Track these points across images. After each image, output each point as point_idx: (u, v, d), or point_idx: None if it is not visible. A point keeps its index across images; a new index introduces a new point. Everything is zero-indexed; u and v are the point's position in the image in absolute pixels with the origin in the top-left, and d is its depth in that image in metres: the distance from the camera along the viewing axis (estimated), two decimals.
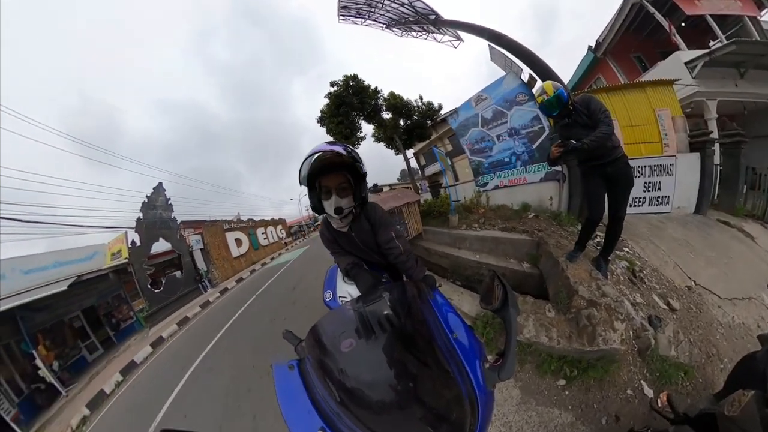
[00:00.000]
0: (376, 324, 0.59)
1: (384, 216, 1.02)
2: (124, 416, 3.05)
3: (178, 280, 9.03)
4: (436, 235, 4.22)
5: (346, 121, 5.85)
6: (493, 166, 4.80)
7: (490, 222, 3.77)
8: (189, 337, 5.04)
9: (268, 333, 3.31)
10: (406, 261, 1.00)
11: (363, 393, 0.50)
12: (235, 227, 14.56)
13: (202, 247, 10.85)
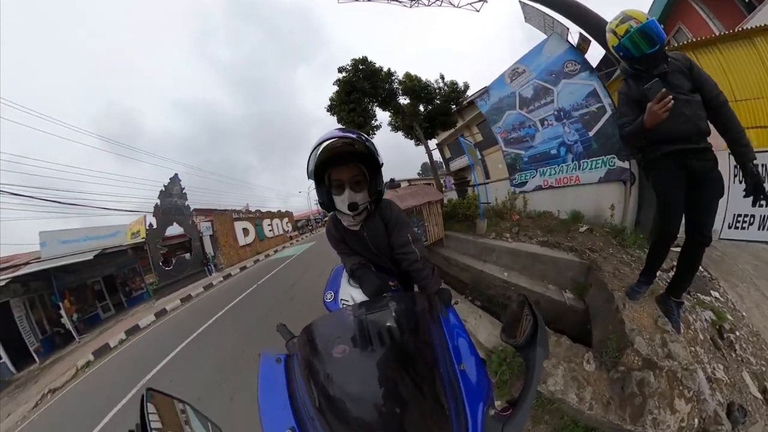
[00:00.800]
0: (375, 335, 0.56)
1: (401, 215, 0.98)
2: (121, 368, 3.91)
3: (186, 261, 10.96)
4: (459, 243, 3.97)
5: (358, 108, 5.66)
6: (534, 161, 4.22)
7: (527, 232, 3.37)
8: (189, 314, 5.90)
9: (263, 323, 3.62)
10: (422, 269, 0.95)
11: (344, 405, 0.49)
12: (243, 217, 16.13)
13: (212, 233, 12.71)
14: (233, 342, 3.34)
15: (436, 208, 3.83)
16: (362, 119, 5.82)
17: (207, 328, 4.27)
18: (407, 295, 0.75)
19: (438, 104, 6.30)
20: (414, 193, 3.64)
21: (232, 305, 5.22)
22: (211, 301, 6.41)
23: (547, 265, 2.64)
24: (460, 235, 3.97)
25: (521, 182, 4.42)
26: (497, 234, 3.55)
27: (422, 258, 0.96)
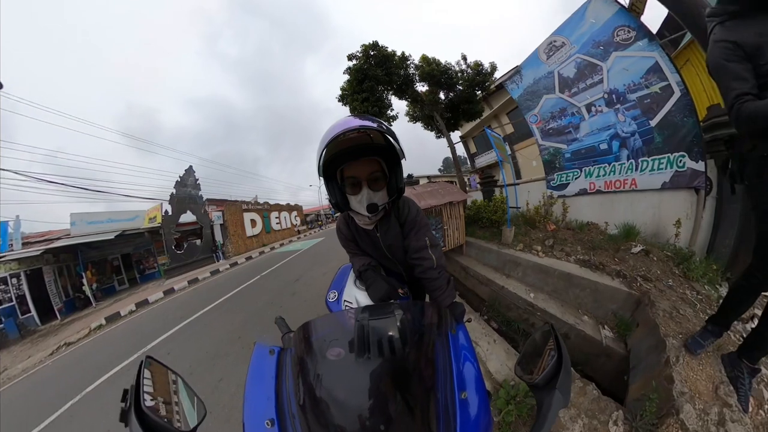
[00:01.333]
0: (374, 343, 0.56)
1: (419, 216, 0.94)
2: (126, 335, 4.77)
3: (196, 247, 12.48)
4: (480, 252, 3.70)
5: (372, 97, 5.53)
6: (578, 157, 3.73)
7: (564, 247, 3.01)
8: (195, 295, 6.67)
9: (262, 314, 3.88)
10: (436, 278, 0.91)
11: (327, 408, 0.50)
12: (252, 209, 17.38)
13: (222, 222, 14.09)
14: (231, 327, 3.64)
15: (458, 209, 3.58)
16: (377, 109, 5.66)
17: (209, 311, 4.76)
18: (416, 305, 0.72)
19: (461, 90, 5.87)
20: (434, 192, 3.43)
21: (234, 292, 5.71)
22: (216, 286, 7.12)
23: (585, 291, 2.31)
24: (482, 243, 3.70)
25: (561, 184, 3.95)
26: (526, 246, 3.23)
27: (438, 266, 0.91)
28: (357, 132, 0.71)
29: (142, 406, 0.37)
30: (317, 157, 0.73)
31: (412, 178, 6.37)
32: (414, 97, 6.02)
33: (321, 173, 0.78)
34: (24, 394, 3.48)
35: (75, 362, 4.11)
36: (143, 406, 0.37)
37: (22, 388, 3.73)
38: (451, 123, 6.45)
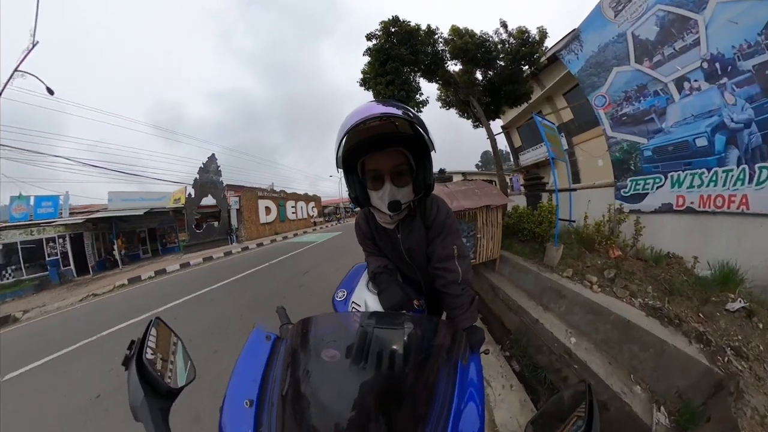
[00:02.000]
0: (374, 353, 0.56)
1: (449, 220, 0.91)
2: (143, 296, 5.97)
3: (214, 228, 14.71)
4: (515, 271, 3.41)
5: (397, 80, 5.27)
6: (663, 156, 3.04)
7: (629, 283, 2.52)
8: (207, 272, 7.80)
9: (267, 300, 4.25)
10: (458, 295, 0.88)
11: (308, 407, 0.52)
12: (268, 196, 19.12)
13: (238, 208, 16.08)
14: (234, 307, 4.13)
15: (495, 216, 3.34)
16: (403, 94, 5.41)
17: (217, 288, 5.52)
18: (429, 321, 0.72)
19: (502, 67, 5.21)
20: (469, 192, 3.26)
21: (243, 275, 6.42)
22: (228, 267, 8.10)
23: (646, 352, 1.89)
24: (520, 260, 3.39)
25: (635, 194, 3.30)
26: (577, 273, 2.80)
27: (463, 281, 0.88)
28: (380, 120, 0.68)
29: (143, 357, 0.45)
30: (335, 147, 0.71)
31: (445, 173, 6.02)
32: (446, 79, 5.60)
33: (340, 165, 0.77)
34: (54, 327, 4.80)
35: (97, 310, 5.45)
36: (144, 358, 0.45)
37: (54, 322, 5.16)
38: (491, 109, 5.96)
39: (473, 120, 6.42)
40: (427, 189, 0.80)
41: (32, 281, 9.91)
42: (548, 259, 3.09)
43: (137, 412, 0.42)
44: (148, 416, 0.41)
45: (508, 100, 5.75)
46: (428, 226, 0.90)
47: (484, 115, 5.68)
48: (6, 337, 4.82)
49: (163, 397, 0.46)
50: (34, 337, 4.53)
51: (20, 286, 9.54)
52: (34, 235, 10.77)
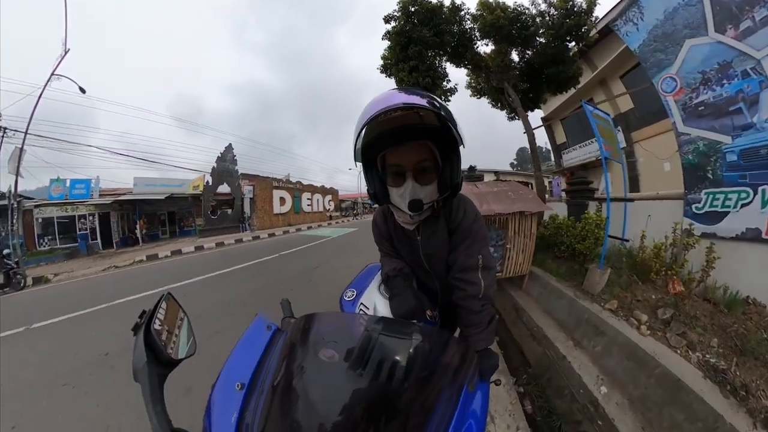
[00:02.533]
0: (374, 361, 0.57)
1: (477, 225, 0.88)
2: (159, 271, 7.06)
3: (227, 215, 16.31)
4: (546, 293, 3.19)
5: (421, 66, 5.12)
6: (753, 162, 2.47)
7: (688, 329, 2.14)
8: (219, 256, 8.77)
9: (273, 291, 4.58)
10: (477, 312, 0.85)
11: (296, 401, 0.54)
12: (283, 186, 20.13)
13: (252, 197, 17.46)
14: (241, 293, 4.51)
15: (529, 224, 3.16)
16: (429, 81, 5.25)
17: (226, 273, 6.12)
18: (440, 336, 0.71)
19: (542, 45, 4.71)
20: (501, 195, 3.15)
21: (252, 263, 6.98)
22: (239, 254, 8.88)
23: (694, 425, 1.58)
24: (553, 281, 3.15)
25: (711, 212, 2.75)
26: (623, 306, 2.46)
27: (485, 296, 0.86)
28: (402, 110, 0.67)
29: (151, 327, 0.52)
30: (354, 139, 0.72)
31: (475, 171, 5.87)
32: (475, 62, 5.24)
33: (358, 158, 0.78)
34: (78, 290, 6.04)
35: (116, 280, 6.61)
36: (152, 327, 0.52)
37: (79, 286, 6.48)
38: (530, 97, 5.55)
39: (508, 110, 6.07)
40: (453, 188, 0.78)
41: (64, 250, 12.27)
42: (589, 284, 2.77)
43: (137, 374, 0.48)
44: (146, 379, 0.47)
45: (551, 86, 5.27)
46: (452, 230, 0.88)
47: (520, 104, 5.25)
48: (38, 294, 6.37)
49: (163, 365, 0.52)
50: (60, 296, 5.69)
51: (54, 253, 11.98)
52: (68, 212, 13.39)
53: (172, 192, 15.51)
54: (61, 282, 7.59)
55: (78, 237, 13.24)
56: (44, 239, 12.81)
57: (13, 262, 7.69)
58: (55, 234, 12.98)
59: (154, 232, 16.58)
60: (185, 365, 0.59)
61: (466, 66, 5.46)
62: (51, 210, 13.00)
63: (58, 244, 12.85)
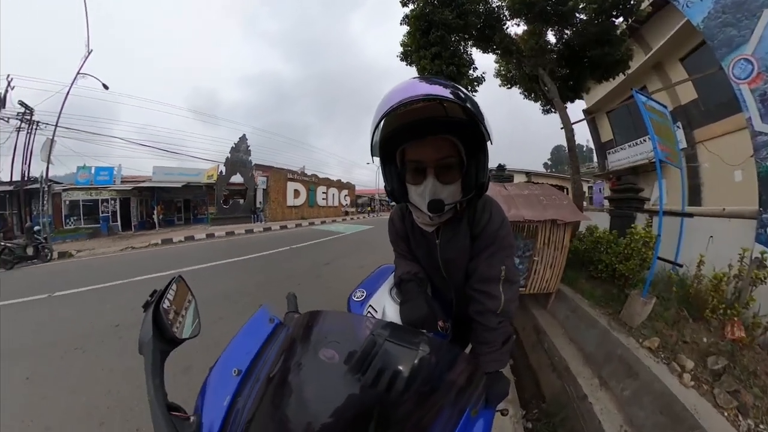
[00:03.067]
0: (376, 368, 0.57)
1: (503, 232, 0.87)
2: (172, 255, 8.06)
3: (239, 206, 17.88)
4: (575, 317, 3.04)
5: (444, 52, 4.99)
6: None
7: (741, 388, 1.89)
8: (229, 245, 9.60)
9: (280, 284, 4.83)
10: (493, 329, 0.84)
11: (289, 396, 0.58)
12: (298, 179, 20.97)
13: (265, 188, 18.73)
14: (247, 284, 4.84)
15: (562, 235, 3.04)
16: (453, 69, 5.14)
17: (235, 262, 6.67)
18: (449, 351, 0.72)
19: (584, 22, 4.38)
20: (532, 199, 3.07)
21: (261, 255, 7.48)
22: (248, 244, 9.58)
23: None
24: (585, 304, 2.96)
25: None
26: (666, 346, 2.25)
27: (503, 312, 0.85)
28: (424, 101, 0.67)
29: (160, 305, 0.57)
30: (371, 132, 0.73)
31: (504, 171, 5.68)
32: (505, 46, 4.96)
33: (375, 153, 0.79)
34: (98, 266, 7.16)
35: (132, 260, 7.67)
36: (161, 306, 0.57)
37: (98, 263, 7.72)
38: (569, 86, 5.20)
39: (543, 102, 5.79)
40: (478, 189, 0.77)
41: (87, 230, 14.74)
42: (628, 314, 2.54)
43: (143, 348, 0.52)
44: (150, 354, 0.52)
45: (595, 72, 4.88)
46: (475, 235, 0.87)
47: (558, 94, 4.89)
48: (62, 266, 7.62)
49: (167, 342, 0.56)
50: (81, 270, 6.76)
51: (78, 232, 14.38)
52: (93, 196, 15.94)
53: (188, 181, 17.35)
54: (82, 258, 9.01)
55: (100, 219, 15.71)
56: (70, 219, 15.28)
57: (42, 238, 9.18)
58: (80, 215, 15.51)
59: (170, 217, 18.85)
60: (187, 345, 0.63)
61: (495, 51, 5.25)
62: (77, 194, 15.53)
63: (82, 224, 15.29)
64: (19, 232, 11.16)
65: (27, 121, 13.06)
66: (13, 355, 2.82)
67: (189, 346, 0.70)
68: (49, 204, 12.79)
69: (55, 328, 3.41)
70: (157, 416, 0.46)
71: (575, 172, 4.96)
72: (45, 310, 4.05)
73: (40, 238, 9.11)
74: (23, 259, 8.55)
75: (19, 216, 13.24)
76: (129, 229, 16.22)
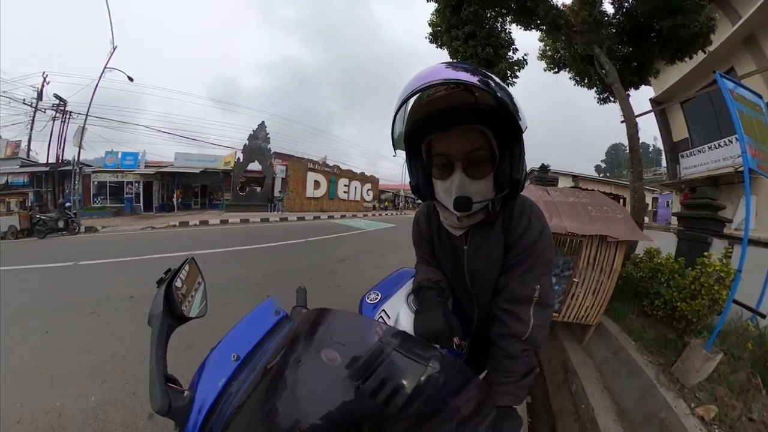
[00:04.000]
0: (378, 378, 0.58)
1: (542, 245, 0.83)
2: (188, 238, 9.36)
3: (256, 193, 19.54)
4: (615, 361, 2.83)
5: (479, 31, 4.88)
6: None
7: None
8: (242, 232, 10.69)
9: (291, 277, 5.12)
10: (515, 358, 0.82)
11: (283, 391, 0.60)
12: (319, 169, 21.79)
13: (284, 177, 19.97)
14: (257, 273, 5.18)
15: (612, 256, 2.82)
16: (490, 50, 5.03)
17: (248, 250, 7.24)
18: (461, 373, 0.71)
19: None
20: (578, 208, 2.93)
21: (275, 245, 8.05)
22: (263, 233, 10.41)
23: None
24: (630, 347, 2.73)
25: None
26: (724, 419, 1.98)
27: (530, 340, 0.81)
28: (446, 88, 0.68)
29: (173, 284, 0.65)
30: (391, 121, 0.76)
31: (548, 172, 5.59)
32: (552, 20, 4.59)
33: (399, 146, 0.81)
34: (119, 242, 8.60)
35: (151, 239, 8.96)
36: (173, 284, 0.65)
37: (120, 239, 9.20)
38: (632, 68, 4.78)
39: (599, 88, 5.44)
40: (513, 186, 0.74)
41: (112, 209, 17.69)
42: (683, 368, 2.25)
43: (152, 320, 0.60)
44: (157, 326, 0.59)
45: (665, 49, 4.36)
46: (510, 244, 0.84)
47: (618, 78, 4.39)
48: (88, 239, 9.32)
49: (174, 319, 0.64)
50: (104, 244, 8.18)
51: (104, 210, 17.47)
52: (119, 178, 19.02)
53: (206, 167, 19.56)
54: (106, 233, 10.91)
55: (125, 199, 18.83)
56: (98, 198, 18.62)
57: (72, 213, 11.53)
58: (107, 195, 18.79)
59: (188, 201, 21.88)
60: (193, 324, 0.72)
61: (539, 27, 4.91)
62: (105, 176, 18.74)
63: (108, 203, 18.51)
64: (53, 207, 13.87)
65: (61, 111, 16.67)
66: (38, 311, 3.52)
67: (194, 326, 0.81)
68: (80, 184, 15.25)
69: (76, 293, 4.12)
70: (155, 384, 0.53)
71: (636, 179, 4.39)
72: (70, 276, 5.02)
73: (71, 214, 11.38)
74: (54, 230, 10.71)
75: (53, 193, 16.47)
76: (150, 210, 19.18)
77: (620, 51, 4.75)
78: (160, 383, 0.53)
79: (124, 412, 2.04)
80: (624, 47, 4.74)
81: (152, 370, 0.53)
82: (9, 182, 17.45)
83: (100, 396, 2.18)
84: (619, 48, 4.72)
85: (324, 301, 3.74)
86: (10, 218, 11.39)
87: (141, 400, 2.12)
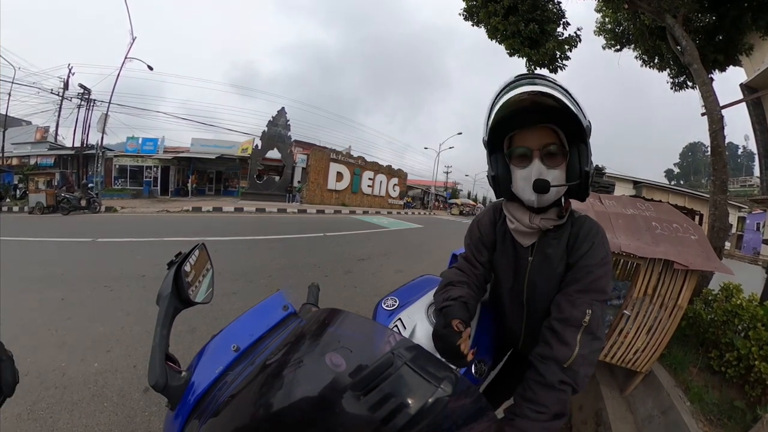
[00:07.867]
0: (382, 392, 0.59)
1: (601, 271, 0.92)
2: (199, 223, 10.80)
3: (274, 183, 20.89)
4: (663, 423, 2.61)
5: (522, 4, 4.83)
6: None
7: None
8: (257, 222, 11.53)
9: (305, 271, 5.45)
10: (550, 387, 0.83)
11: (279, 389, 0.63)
12: (342, 160, 22.23)
13: (305, 167, 20.98)
14: (269, 265, 5.50)
15: (677, 287, 2.61)
16: (535, 26, 4.90)
17: (261, 240, 7.79)
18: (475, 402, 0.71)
19: None
20: (638, 222, 2.84)
21: (290, 237, 8.57)
22: (279, 224, 11.25)
23: None
24: (684, 407, 2.51)
25: None
26: None
27: (571, 369, 0.83)
28: (529, 93, 0.84)
29: (182, 267, 0.73)
30: (486, 121, 0.91)
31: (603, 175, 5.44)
32: None
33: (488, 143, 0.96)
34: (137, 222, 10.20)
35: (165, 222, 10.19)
36: (182, 268, 0.72)
37: (137, 220, 10.98)
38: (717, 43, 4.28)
39: (673, 70, 5.03)
40: (583, 177, 0.88)
41: (131, 191, 20.00)
42: None
43: (159, 300, 0.68)
44: (164, 306, 0.67)
45: (762, 16, 3.94)
46: (570, 264, 0.93)
47: (698, 57, 3.88)
48: (107, 218, 10.91)
49: (181, 301, 0.72)
50: (122, 224, 9.45)
51: (123, 192, 19.97)
52: (138, 162, 21.50)
53: (222, 153, 21.34)
54: (125, 214, 12.62)
55: (143, 183, 21.52)
56: (118, 181, 21.53)
57: (94, 194, 13.73)
58: (127, 178, 21.70)
59: (202, 187, 24.53)
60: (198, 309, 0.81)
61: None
62: (125, 160, 21.42)
63: (128, 185, 21.31)
64: (77, 187, 16.22)
65: (86, 99, 19.59)
66: (57, 279, 4.11)
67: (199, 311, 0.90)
68: (102, 167, 18.51)
69: (93, 266, 4.82)
70: (155, 361, 0.60)
71: (719, 191, 3.76)
72: (88, 251, 5.92)
73: (93, 194, 13.60)
74: (77, 208, 12.73)
75: (77, 175, 19.31)
76: (166, 195, 21.98)
77: (701, 21, 4.26)
78: (160, 360, 0.60)
79: (123, 382, 2.28)
80: (705, 17, 4.21)
81: (155, 346, 0.61)
82: (38, 163, 20.85)
83: (102, 363, 2.48)
84: (698, 18, 4.22)
85: (337, 301, 3.90)
86: (38, 195, 13.56)
87: (140, 374, 2.36)
